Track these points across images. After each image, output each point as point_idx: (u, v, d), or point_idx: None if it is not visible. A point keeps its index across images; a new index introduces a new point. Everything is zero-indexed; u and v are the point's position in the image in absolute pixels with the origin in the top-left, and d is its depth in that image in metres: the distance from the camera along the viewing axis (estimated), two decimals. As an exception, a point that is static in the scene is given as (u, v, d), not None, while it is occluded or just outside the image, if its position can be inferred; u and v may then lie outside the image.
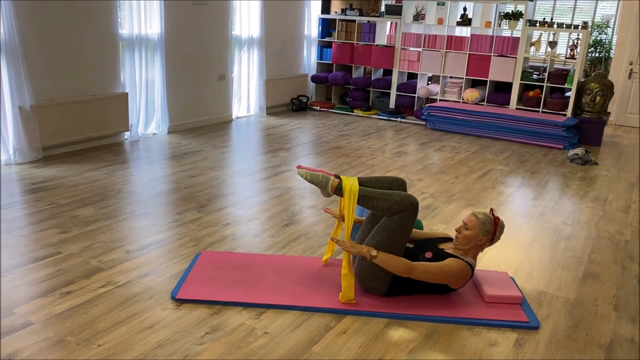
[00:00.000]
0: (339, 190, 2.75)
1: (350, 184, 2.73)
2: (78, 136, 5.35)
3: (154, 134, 6.29)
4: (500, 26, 7.64)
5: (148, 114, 6.17)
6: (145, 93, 6.03)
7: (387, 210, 2.67)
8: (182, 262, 3.14)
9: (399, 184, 2.91)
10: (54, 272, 2.92)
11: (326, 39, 8.77)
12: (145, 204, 4.05)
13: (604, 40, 9.44)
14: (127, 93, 5.77)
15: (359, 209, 3.54)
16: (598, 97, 7.04)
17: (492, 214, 2.84)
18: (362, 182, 2.87)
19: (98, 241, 3.35)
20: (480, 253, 2.99)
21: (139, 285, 2.83)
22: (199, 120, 6.88)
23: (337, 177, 2.80)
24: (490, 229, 2.79)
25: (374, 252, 2.64)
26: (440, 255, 2.77)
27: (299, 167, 2.84)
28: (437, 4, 8.09)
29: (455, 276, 2.71)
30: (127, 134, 5.93)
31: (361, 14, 8.41)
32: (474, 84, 8.12)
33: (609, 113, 7.76)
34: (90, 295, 2.71)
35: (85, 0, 5.24)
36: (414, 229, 3.12)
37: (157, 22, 6.01)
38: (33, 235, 3.38)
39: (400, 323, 2.62)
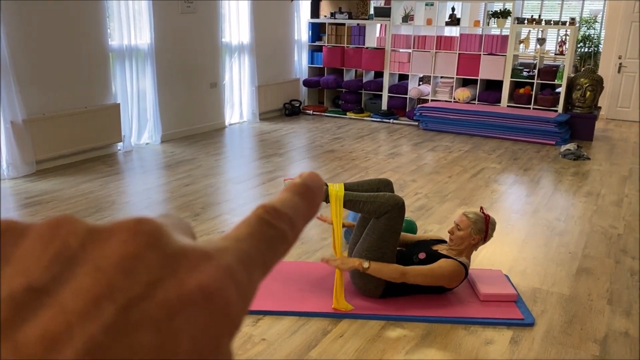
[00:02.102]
0: (325, 197, 2.78)
1: (336, 189, 2.76)
2: (71, 149, 5.36)
3: (147, 143, 6.30)
4: (488, 25, 7.69)
5: (140, 124, 6.18)
6: (137, 103, 6.04)
7: (374, 212, 2.70)
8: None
9: (386, 185, 2.94)
10: (50, 286, 2.93)
11: (316, 43, 8.80)
12: (140, 214, 4.04)
13: (592, 36, 9.51)
14: (119, 104, 5.78)
15: (353, 214, 3.56)
16: (588, 92, 7.09)
17: (483, 212, 2.87)
18: (348, 187, 2.90)
19: (94, 253, 3.35)
20: (474, 251, 3.01)
21: (136, 296, 2.84)
22: (192, 128, 6.89)
23: (324, 184, 2.83)
24: (482, 227, 2.82)
25: (365, 264, 2.67)
26: (434, 256, 2.79)
27: (285, 179, 2.88)
28: (426, 5, 8.13)
29: (449, 277, 2.73)
30: (120, 145, 5.94)
31: (350, 17, 8.45)
32: (465, 83, 8.16)
33: (600, 107, 7.81)
34: (87, 308, 2.72)
35: (74, 13, 5.25)
36: (408, 234, 3.15)
37: (146, 32, 6.02)
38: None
39: (397, 324, 2.64)
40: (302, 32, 8.69)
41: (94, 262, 0.21)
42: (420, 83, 8.56)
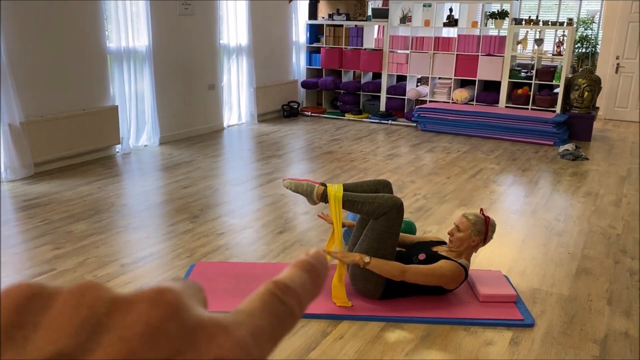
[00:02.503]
0: (324, 198, 2.78)
1: (335, 190, 2.76)
2: (69, 151, 5.35)
3: (145, 145, 6.29)
4: (486, 26, 7.70)
5: (139, 126, 6.18)
6: (135, 105, 6.04)
7: (373, 213, 2.70)
8: (177, 273, 3.14)
9: (384, 186, 2.94)
10: (48, 289, 2.92)
11: (314, 45, 8.80)
12: (138, 216, 4.05)
13: (589, 36, 9.52)
14: (117, 106, 5.77)
15: (353, 214, 3.56)
16: (586, 93, 7.10)
17: (482, 214, 2.86)
18: (347, 188, 2.90)
19: (92, 256, 3.35)
20: (474, 253, 3.01)
21: (135, 299, 2.83)
22: (190, 130, 6.89)
23: (323, 184, 2.83)
24: (482, 229, 2.81)
25: (366, 259, 2.66)
26: (434, 257, 2.79)
27: (284, 179, 2.88)
28: (424, 6, 8.14)
29: (448, 278, 2.73)
30: (118, 147, 5.93)
31: (348, 19, 8.45)
32: (463, 84, 8.17)
33: (598, 108, 7.82)
34: (85, 310, 2.71)
35: (71, 15, 5.24)
36: (407, 235, 3.14)
37: (144, 34, 6.02)
38: (27, 253, 3.38)
39: (397, 326, 2.64)
40: (300, 33, 8.69)
41: (118, 332, 0.22)
42: (419, 84, 8.57)
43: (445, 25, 7.90)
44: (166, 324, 0.22)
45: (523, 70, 7.69)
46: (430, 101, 8.04)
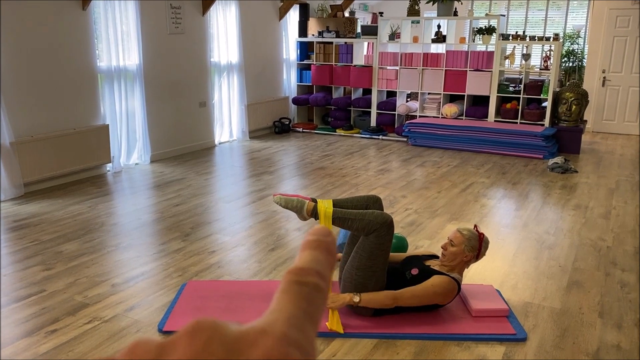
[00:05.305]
0: (314, 214, 2.78)
1: (325, 206, 2.76)
2: (60, 170, 5.33)
3: (136, 164, 6.28)
4: (474, 41, 7.79)
5: (130, 144, 6.17)
6: (126, 124, 6.03)
7: (363, 230, 2.70)
8: (168, 293, 3.12)
9: (374, 202, 2.95)
10: (38, 311, 2.89)
11: (305, 62, 8.86)
12: (129, 235, 4.03)
13: (576, 50, 9.66)
14: (108, 125, 5.76)
15: (344, 230, 3.56)
16: (574, 106, 7.18)
17: (477, 230, 2.87)
18: (337, 204, 2.90)
19: (83, 276, 3.32)
20: (466, 269, 3.02)
21: (126, 319, 2.81)
22: (182, 147, 6.88)
23: (314, 200, 2.83)
24: (476, 245, 2.82)
25: (356, 299, 2.68)
26: (427, 272, 2.79)
27: (274, 195, 2.88)
28: (412, 23, 8.24)
29: (442, 294, 2.73)
30: (109, 166, 5.91)
31: (338, 36, 8.53)
32: (452, 99, 8.24)
33: (586, 121, 7.90)
34: (76, 332, 2.69)
35: (62, 34, 5.26)
36: (398, 254, 3.15)
37: (135, 53, 6.04)
38: (16, 274, 3.34)
39: (389, 343, 2.63)
40: (290, 51, 8.75)
41: None
42: (408, 99, 8.63)
43: (433, 41, 7.99)
44: (209, 345, 0.24)
45: (511, 85, 7.77)
46: (420, 116, 8.10)
